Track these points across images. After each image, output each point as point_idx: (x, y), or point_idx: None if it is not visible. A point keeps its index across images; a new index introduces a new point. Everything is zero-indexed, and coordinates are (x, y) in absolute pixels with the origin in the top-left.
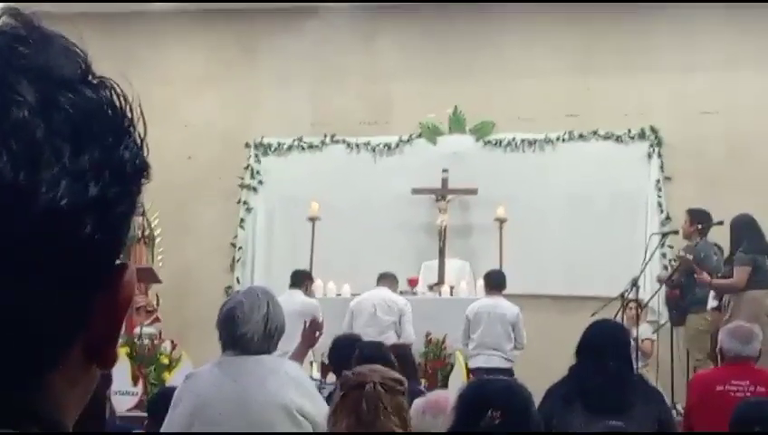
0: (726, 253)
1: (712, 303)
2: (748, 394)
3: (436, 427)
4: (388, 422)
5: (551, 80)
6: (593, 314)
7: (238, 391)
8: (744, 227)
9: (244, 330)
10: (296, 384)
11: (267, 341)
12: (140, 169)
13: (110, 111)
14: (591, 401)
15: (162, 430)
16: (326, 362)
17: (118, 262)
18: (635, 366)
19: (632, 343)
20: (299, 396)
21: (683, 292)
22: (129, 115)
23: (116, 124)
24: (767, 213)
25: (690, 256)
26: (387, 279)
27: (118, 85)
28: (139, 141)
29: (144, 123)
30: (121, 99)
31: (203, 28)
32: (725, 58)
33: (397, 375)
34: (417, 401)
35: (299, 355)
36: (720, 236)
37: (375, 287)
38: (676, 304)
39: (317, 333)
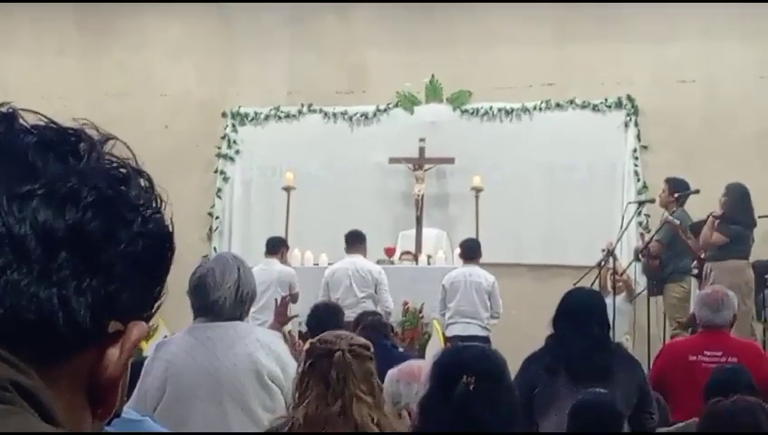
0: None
1: (695, 271)
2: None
3: (409, 395)
4: (356, 389)
5: (527, 49)
6: (576, 284)
7: (209, 358)
8: (736, 197)
9: (216, 296)
10: (267, 350)
11: (239, 307)
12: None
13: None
14: (575, 369)
15: (133, 399)
16: (303, 330)
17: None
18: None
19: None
20: (270, 361)
21: (662, 262)
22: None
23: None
24: (743, 181)
25: (677, 221)
26: (356, 244)
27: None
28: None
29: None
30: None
31: None
32: (702, 27)
33: (363, 341)
34: (392, 371)
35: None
36: (696, 205)
37: (347, 255)
38: (656, 274)
39: (289, 312)
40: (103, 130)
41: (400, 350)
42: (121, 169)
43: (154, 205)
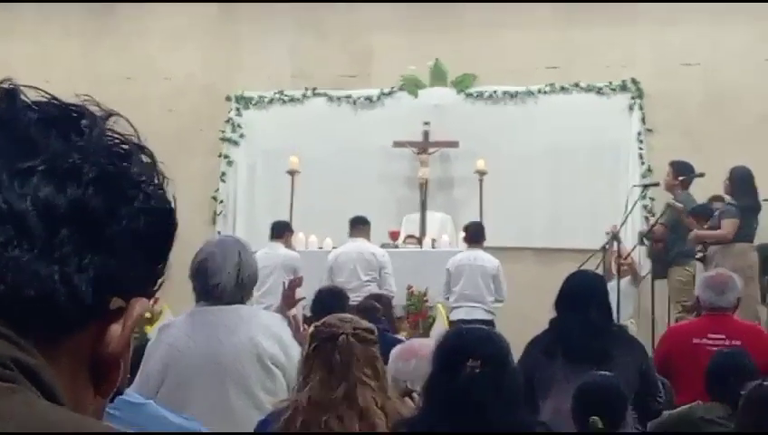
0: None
1: (699, 254)
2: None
3: (406, 371)
4: (359, 374)
5: (532, 32)
6: (580, 267)
7: (211, 341)
8: (738, 181)
9: (217, 280)
10: (269, 333)
11: (240, 290)
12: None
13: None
14: (573, 352)
15: (136, 383)
16: (308, 314)
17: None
18: (616, 317)
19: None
20: (271, 344)
21: (667, 245)
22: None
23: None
24: (748, 164)
25: (681, 205)
26: (360, 228)
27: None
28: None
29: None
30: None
31: None
32: (707, 9)
33: (367, 324)
34: (394, 350)
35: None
36: (701, 188)
37: (350, 239)
38: (660, 257)
39: (296, 295)
40: (105, 106)
41: (398, 336)
42: (123, 146)
43: (156, 181)
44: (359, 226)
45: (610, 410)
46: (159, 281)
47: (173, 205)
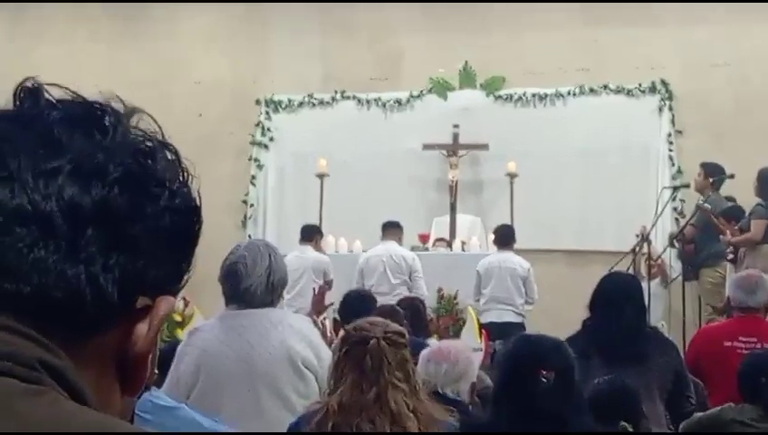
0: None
1: (730, 255)
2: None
3: (438, 374)
4: (390, 377)
5: (561, 34)
6: (611, 269)
7: (242, 345)
8: (765, 182)
9: (248, 283)
10: (300, 336)
11: (271, 293)
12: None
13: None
14: (609, 353)
15: (166, 386)
16: (338, 318)
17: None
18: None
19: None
20: (303, 347)
21: (697, 247)
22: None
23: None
24: None
25: (709, 206)
26: (392, 231)
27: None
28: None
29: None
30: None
31: None
32: (734, 9)
33: (398, 328)
34: (424, 352)
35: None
36: (731, 189)
37: (381, 241)
38: (690, 259)
39: (326, 300)
40: (128, 103)
41: (428, 340)
42: (147, 143)
43: (181, 178)
44: (390, 229)
45: (624, 412)
46: (185, 278)
47: (198, 202)
